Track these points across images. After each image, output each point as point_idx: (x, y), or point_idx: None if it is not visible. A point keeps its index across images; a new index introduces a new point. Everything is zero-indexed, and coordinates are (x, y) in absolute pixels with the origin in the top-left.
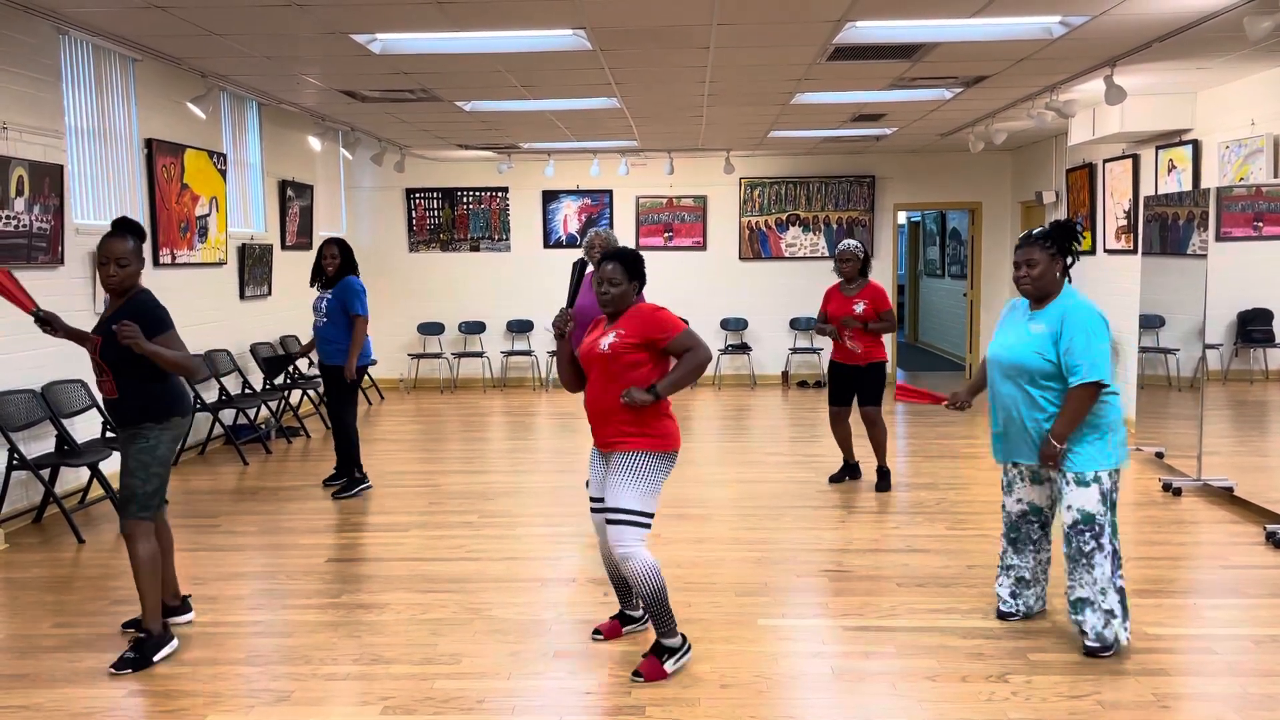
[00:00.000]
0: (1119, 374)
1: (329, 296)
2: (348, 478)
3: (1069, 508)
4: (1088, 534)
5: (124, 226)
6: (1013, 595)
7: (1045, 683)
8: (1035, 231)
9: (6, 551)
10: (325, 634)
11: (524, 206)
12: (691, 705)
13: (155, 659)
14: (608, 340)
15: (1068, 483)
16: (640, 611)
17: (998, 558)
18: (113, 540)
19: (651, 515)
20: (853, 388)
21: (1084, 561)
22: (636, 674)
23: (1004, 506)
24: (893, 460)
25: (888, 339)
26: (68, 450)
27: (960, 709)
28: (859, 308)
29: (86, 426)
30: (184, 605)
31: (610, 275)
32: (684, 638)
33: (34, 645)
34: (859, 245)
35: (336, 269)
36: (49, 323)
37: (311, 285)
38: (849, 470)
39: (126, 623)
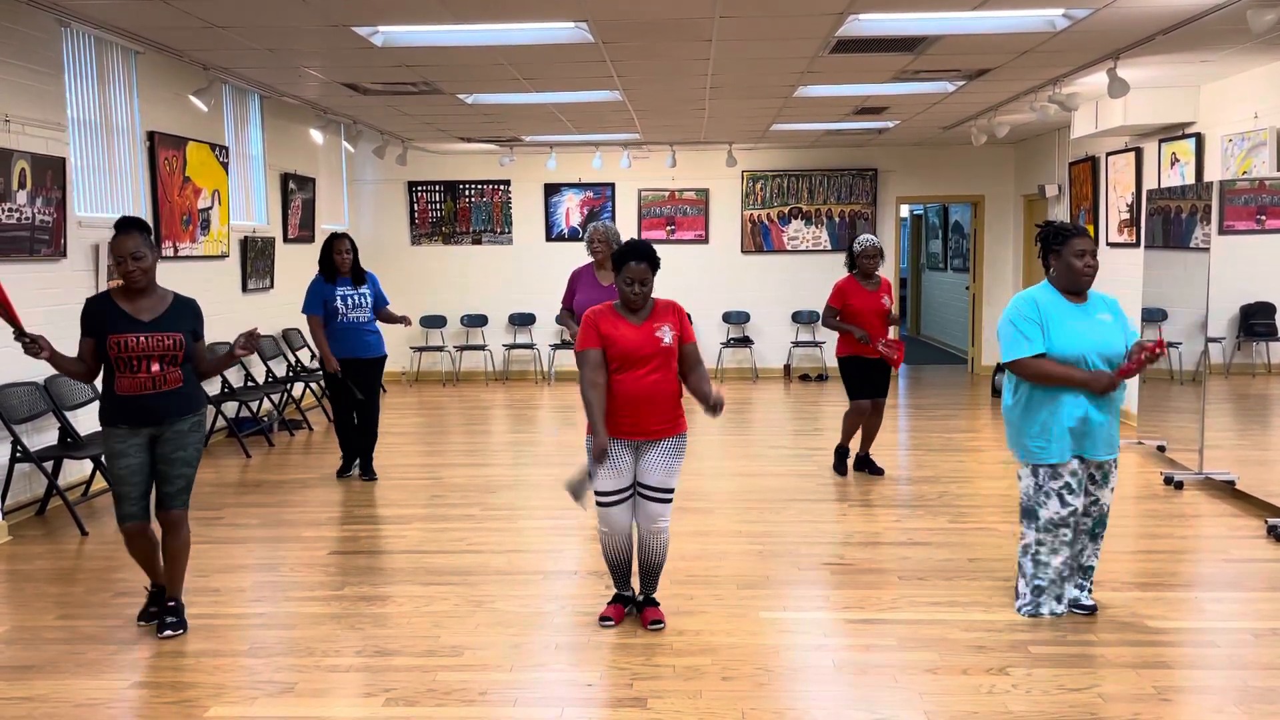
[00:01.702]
0: None
1: (366, 291)
2: (367, 460)
3: (1112, 490)
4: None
5: (129, 223)
6: (1057, 599)
7: (1046, 675)
8: (1081, 226)
9: (10, 544)
10: (328, 626)
11: (526, 200)
12: (693, 697)
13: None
14: (670, 334)
15: (1114, 466)
16: (632, 591)
17: (1019, 567)
18: (115, 532)
19: None
20: (873, 380)
21: (1103, 536)
22: (658, 622)
23: (1073, 510)
24: (895, 453)
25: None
26: (70, 443)
27: (961, 701)
28: (887, 302)
29: (89, 419)
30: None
31: (643, 275)
32: None
33: (37, 637)
34: (875, 240)
35: (353, 263)
36: (35, 342)
37: (330, 280)
38: (846, 457)
39: (142, 614)
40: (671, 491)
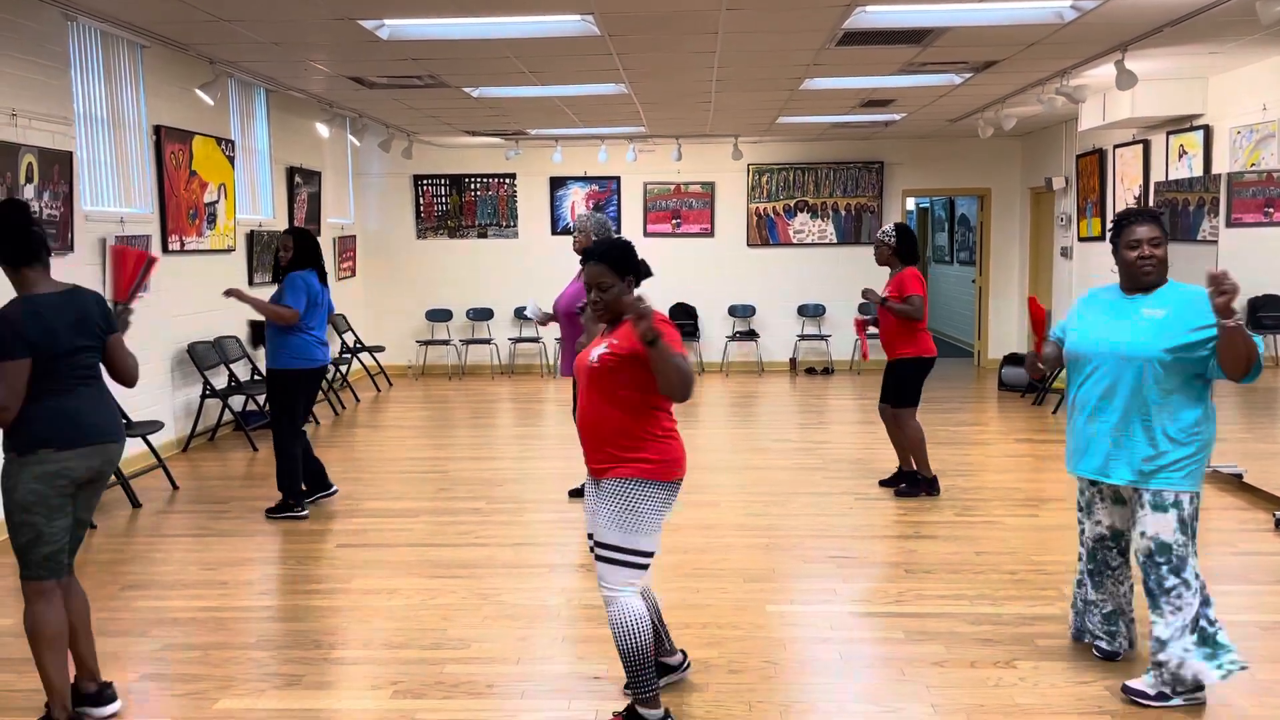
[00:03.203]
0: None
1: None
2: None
3: (1142, 535)
4: (1165, 567)
5: None
6: (1109, 634)
7: (1053, 669)
8: (1150, 209)
9: None
10: (335, 619)
11: (531, 193)
12: (700, 690)
13: None
14: (598, 351)
15: (1143, 504)
16: (677, 659)
17: (1074, 587)
18: (124, 525)
19: (647, 554)
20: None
21: (1164, 597)
22: None
23: (1082, 531)
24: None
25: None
26: None
27: (968, 695)
28: (885, 293)
29: None
30: (103, 694)
31: (597, 278)
32: (667, 712)
33: None
34: (888, 231)
35: (289, 262)
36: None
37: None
38: (900, 476)
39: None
40: (608, 548)
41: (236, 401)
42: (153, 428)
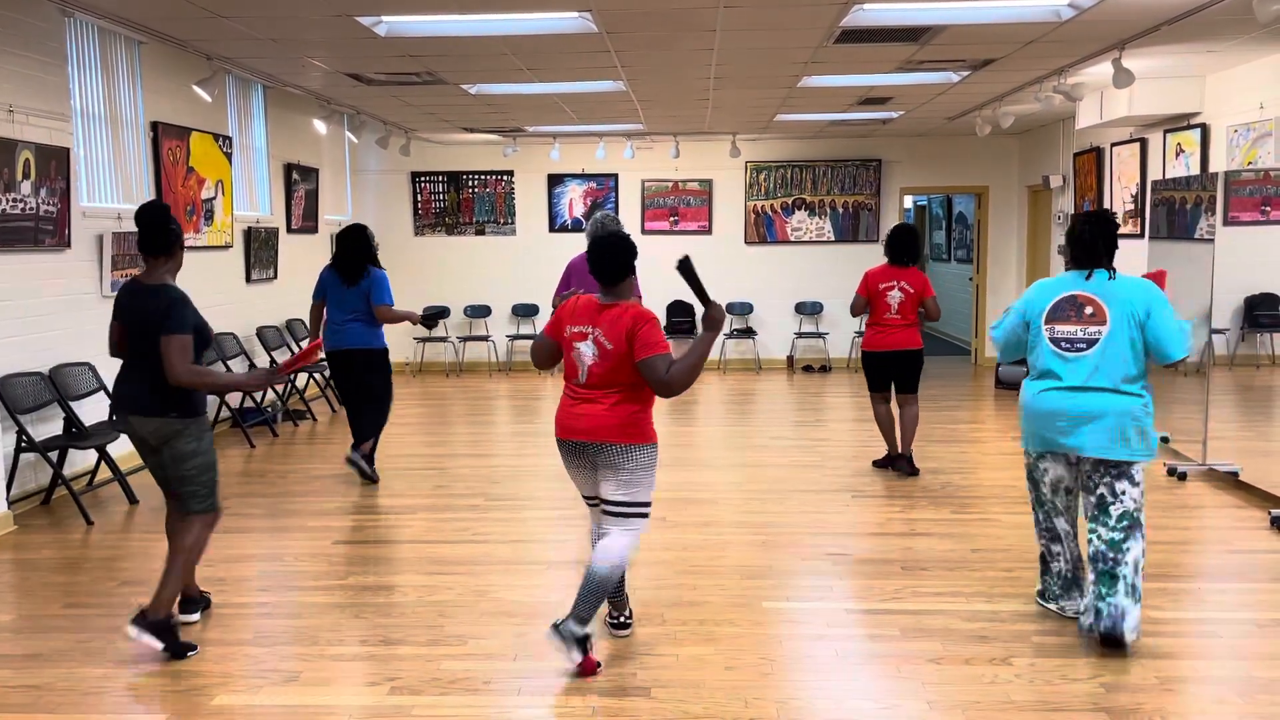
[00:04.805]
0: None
1: None
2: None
3: None
4: None
5: None
6: None
7: (1049, 665)
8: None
9: (16, 533)
10: (333, 615)
11: (529, 190)
12: (696, 687)
13: None
14: None
15: None
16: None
17: (1136, 588)
18: (121, 521)
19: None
20: None
21: None
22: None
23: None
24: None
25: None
26: (75, 433)
27: (964, 691)
28: None
29: (94, 409)
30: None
31: None
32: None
33: (44, 626)
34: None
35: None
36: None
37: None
38: (893, 458)
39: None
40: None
41: (234, 398)
42: None
